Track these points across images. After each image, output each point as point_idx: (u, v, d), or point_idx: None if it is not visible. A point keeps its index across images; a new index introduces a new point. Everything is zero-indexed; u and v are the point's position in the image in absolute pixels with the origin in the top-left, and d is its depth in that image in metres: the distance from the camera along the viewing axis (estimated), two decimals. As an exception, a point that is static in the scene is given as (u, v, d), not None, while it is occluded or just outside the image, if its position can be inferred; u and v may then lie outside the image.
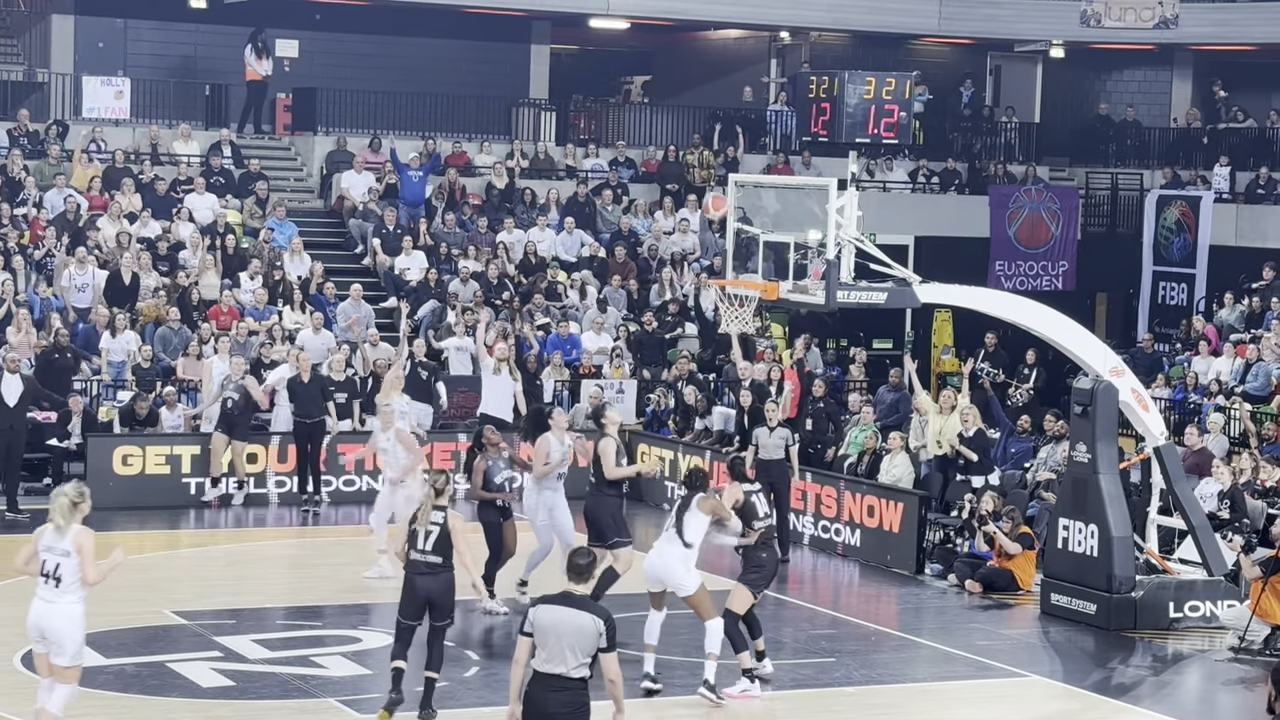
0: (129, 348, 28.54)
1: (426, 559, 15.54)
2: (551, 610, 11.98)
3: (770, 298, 19.96)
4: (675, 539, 16.83)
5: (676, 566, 16.83)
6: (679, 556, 16.84)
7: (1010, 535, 22.03)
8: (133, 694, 16.34)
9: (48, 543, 14.02)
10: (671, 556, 16.84)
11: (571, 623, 11.90)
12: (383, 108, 37.71)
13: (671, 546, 16.84)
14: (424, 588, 15.60)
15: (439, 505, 15.63)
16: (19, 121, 34.66)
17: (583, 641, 11.88)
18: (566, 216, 35.60)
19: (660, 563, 16.91)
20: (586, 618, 11.93)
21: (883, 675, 18.15)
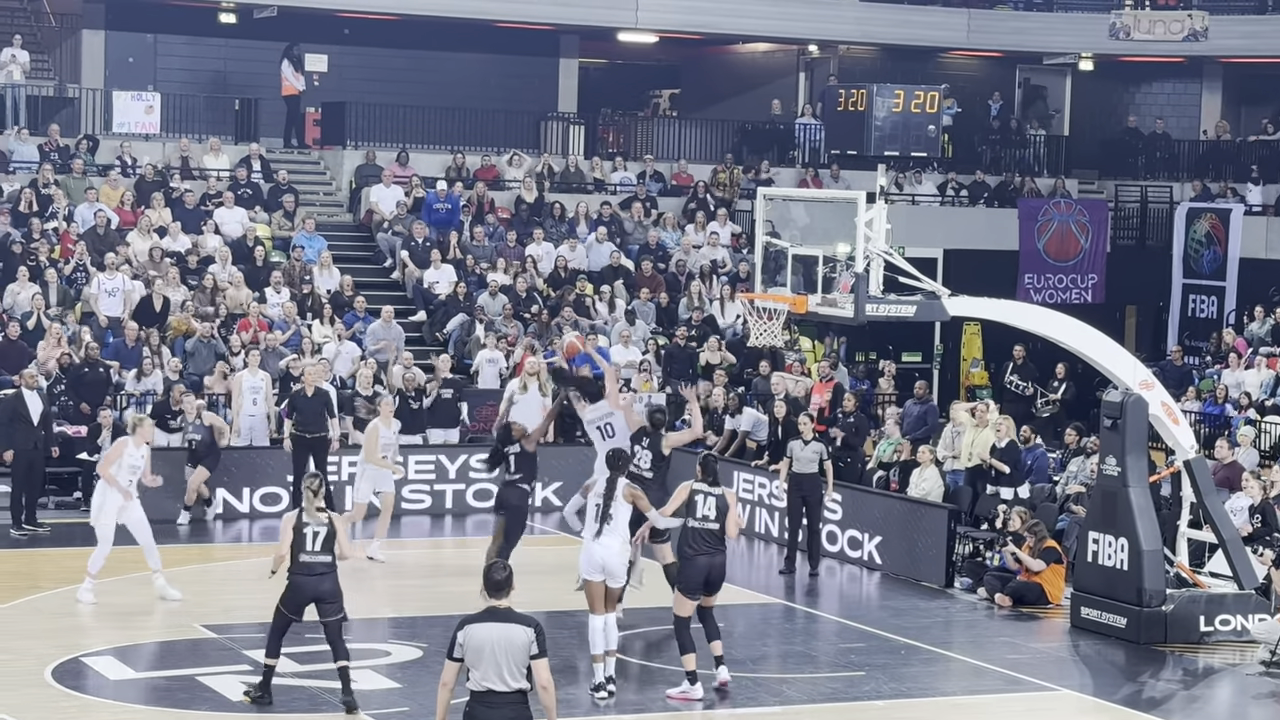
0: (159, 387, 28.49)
1: (316, 559, 16.34)
2: (479, 628, 11.84)
3: (799, 311, 19.95)
4: (613, 529, 17.15)
5: (617, 558, 17.20)
6: (619, 549, 17.23)
7: (1035, 550, 21.97)
8: (163, 707, 16.36)
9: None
10: (614, 548, 17.20)
11: (501, 636, 11.78)
12: (411, 122, 37.78)
13: (613, 538, 17.17)
14: (312, 586, 16.42)
15: (320, 508, 16.39)
16: (50, 136, 34.79)
17: (515, 653, 11.76)
18: (595, 230, 35.62)
19: (604, 553, 17.18)
20: (516, 629, 11.81)
21: (912, 689, 18.10)
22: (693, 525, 17.48)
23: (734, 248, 36.17)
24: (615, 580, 17.25)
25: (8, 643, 18.40)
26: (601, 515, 17.20)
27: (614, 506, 17.22)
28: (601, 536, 17.18)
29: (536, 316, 32.49)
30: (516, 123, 39.15)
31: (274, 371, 28.91)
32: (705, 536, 17.42)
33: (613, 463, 17.54)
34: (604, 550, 17.18)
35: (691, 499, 17.49)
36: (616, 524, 17.22)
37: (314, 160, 37.77)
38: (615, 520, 17.21)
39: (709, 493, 17.49)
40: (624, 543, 17.34)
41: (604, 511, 17.20)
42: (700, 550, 17.40)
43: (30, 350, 28.88)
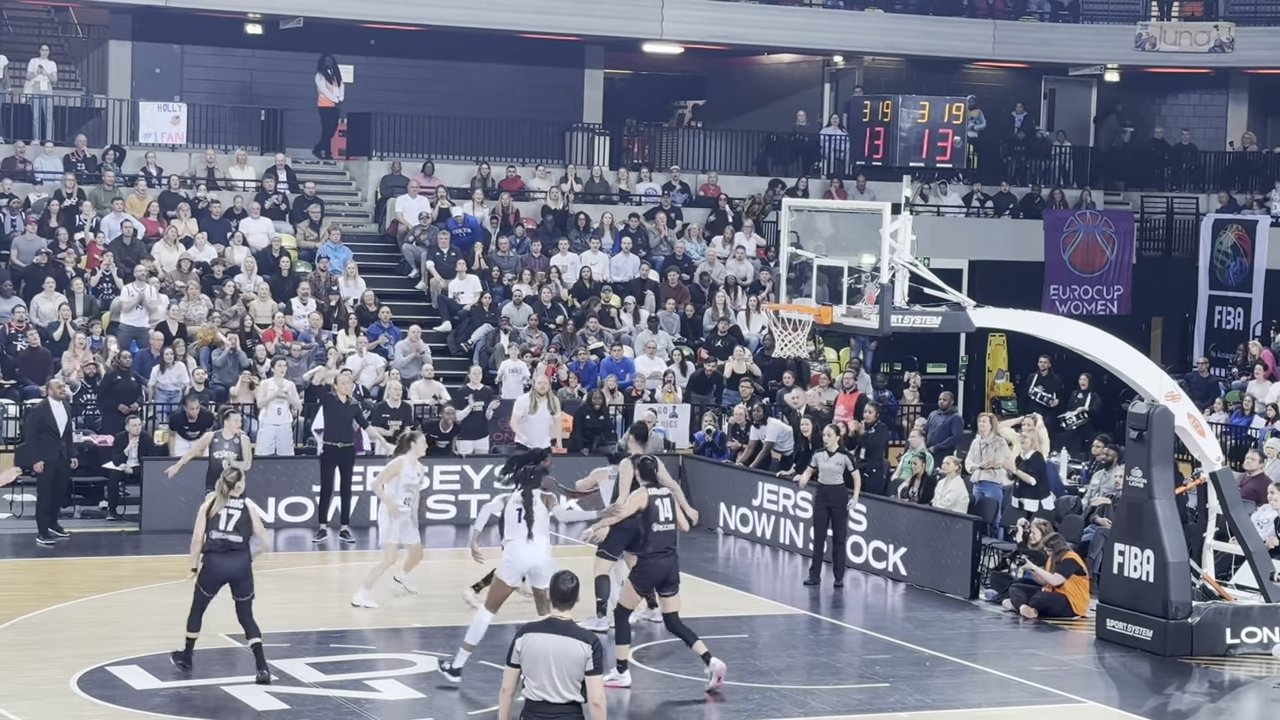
0: (182, 380, 28.59)
1: (227, 538, 17.38)
2: (538, 638, 11.87)
3: (824, 322, 19.94)
4: (541, 530, 17.77)
5: (545, 559, 17.78)
6: (547, 550, 17.89)
7: (1054, 563, 21.92)
8: (186, 716, 16.38)
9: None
10: (544, 548, 17.86)
11: (559, 648, 11.79)
12: (437, 132, 37.87)
13: (544, 539, 17.83)
14: (224, 565, 17.46)
15: (234, 495, 17.46)
16: (76, 147, 34.91)
17: (570, 667, 11.77)
18: (620, 241, 35.65)
19: (535, 558, 17.77)
20: (574, 643, 11.81)
21: (937, 701, 18.06)
22: (657, 529, 17.93)
23: (759, 259, 36.18)
24: (539, 581, 17.58)
25: (34, 652, 18.44)
26: (526, 517, 17.76)
27: (535, 508, 17.83)
28: (533, 540, 17.77)
29: (561, 327, 32.53)
30: (542, 133, 39.21)
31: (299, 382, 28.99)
32: (667, 538, 17.94)
33: (524, 478, 17.99)
34: (537, 554, 17.79)
35: (652, 504, 17.94)
36: (540, 525, 17.83)
37: (339, 171, 37.84)
38: (538, 521, 17.82)
39: (660, 495, 18.03)
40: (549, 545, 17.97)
41: (527, 513, 17.76)
42: (662, 551, 17.88)
43: (55, 360, 29.00)
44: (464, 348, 32.74)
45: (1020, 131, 42.20)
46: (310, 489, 26.14)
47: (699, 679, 17.86)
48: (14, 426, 28.23)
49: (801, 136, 41.02)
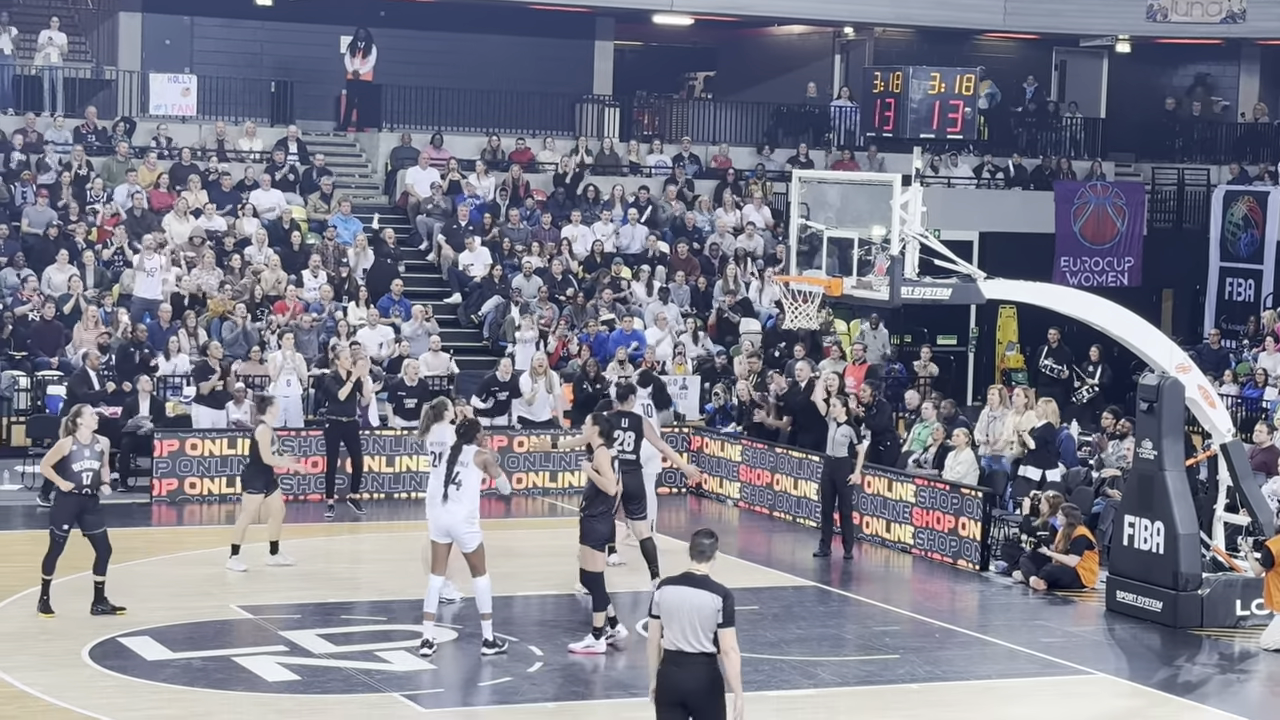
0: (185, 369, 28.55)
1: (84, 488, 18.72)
2: (674, 591, 12.50)
3: (834, 294, 19.93)
4: (459, 495, 17.52)
5: (463, 524, 17.59)
6: (465, 515, 17.58)
7: (1065, 538, 21.92)
8: (199, 688, 16.43)
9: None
10: (459, 514, 17.57)
11: (692, 601, 12.37)
12: (447, 104, 37.85)
13: (459, 505, 17.53)
14: (79, 504, 18.77)
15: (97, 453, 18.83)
16: (87, 119, 34.91)
17: (703, 618, 12.34)
18: (630, 212, 35.63)
19: (449, 520, 17.60)
20: (706, 595, 12.39)
21: (947, 672, 18.09)
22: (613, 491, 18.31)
23: (769, 231, 36.16)
24: (464, 547, 17.66)
25: (46, 623, 18.49)
26: (447, 480, 17.60)
27: (462, 473, 17.58)
28: (448, 502, 17.59)
29: (572, 299, 32.53)
30: (552, 105, 39.18)
31: (310, 353, 29.04)
32: (611, 499, 18.32)
33: (461, 432, 17.87)
34: (449, 516, 17.61)
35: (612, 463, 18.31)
36: (464, 490, 17.59)
37: (350, 143, 37.82)
38: (463, 486, 17.58)
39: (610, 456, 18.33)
40: (472, 509, 17.66)
41: (448, 477, 17.59)
42: (608, 511, 18.30)
43: (66, 332, 29.06)
44: (474, 320, 32.75)
45: (1031, 103, 42.11)
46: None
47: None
48: (26, 399, 28.28)
49: (812, 108, 40.95)
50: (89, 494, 18.88)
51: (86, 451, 18.76)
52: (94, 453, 18.84)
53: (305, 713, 15.83)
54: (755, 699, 15.70)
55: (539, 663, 17.73)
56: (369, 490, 26.19)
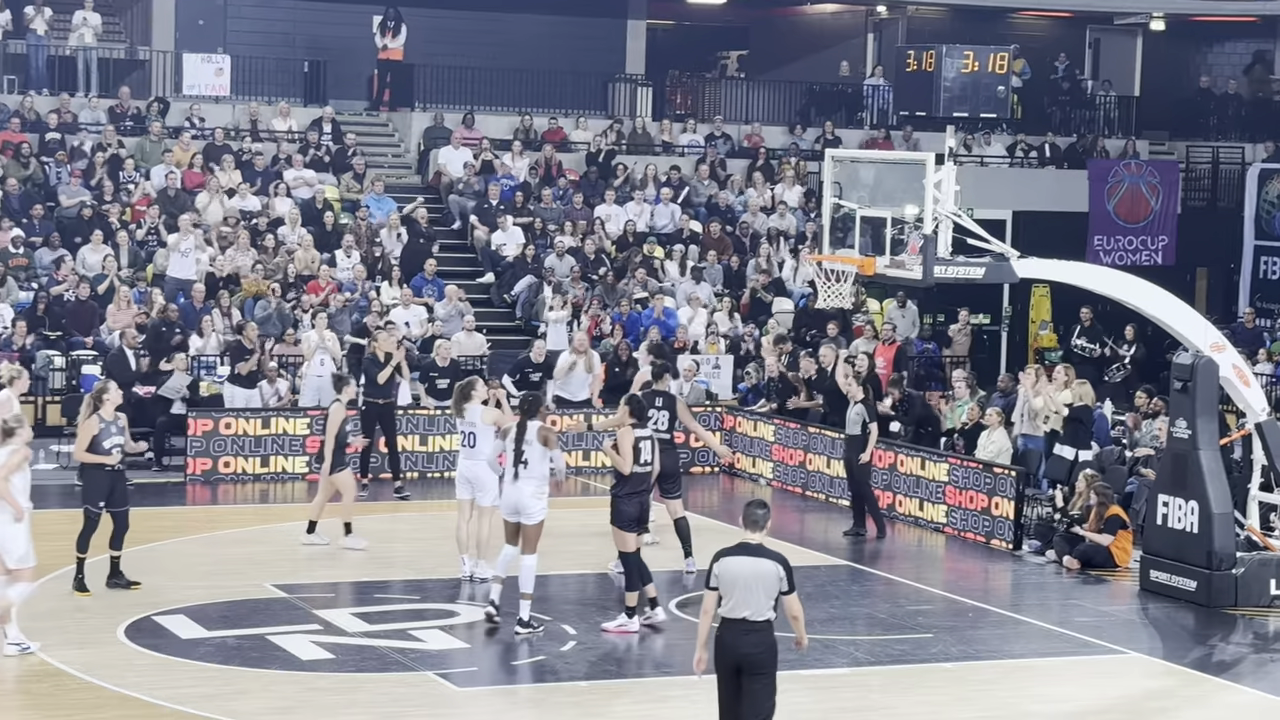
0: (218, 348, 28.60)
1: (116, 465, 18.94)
2: (733, 561, 12.81)
3: (867, 273, 19.91)
4: (528, 473, 17.91)
5: (529, 499, 17.95)
6: (532, 490, 17.96)
7: (1098, 517, 21.89)
8: (234, 666, 16.49)
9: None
10: (526, 490, 17.95)
11: (753, 570, 12.72)
12: (479, 84, 37.85)
13: (527, 481, 17.93)
14: (110, 480, 18.85)
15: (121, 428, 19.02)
16: (121, 99, 35.00)
17: (766, 586, 12.71)
18: (663, 192, 35.61)
19: (517, 496, 17.99)
20: (767, 563, 12.78)
21: (981, 651, 18.08)
22: (635, 470, 18.23)
23: (802, 210, 36.12)
24: (528, 520, 17.94)
25: (81, 601, 18.57)
26: (515, 458, 17.91)
27: (527, 450, 17.91)
28: (519, 480, 17.90)
29: (603, 278, 32.53)
30: (584, 84, 39.14)
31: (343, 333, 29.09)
32: (644, 479, 18.37)
33: (525, 408, 18.28)
34: (517, 492, 17.94)
35: (637, 445, 18.19)
36: (531, 468, 17.94)
37: (382, 122, 37.85)
38: (530, 464, 17.93)
39: (645, 436, 18.32)
40: (539, 484, 18.02)
41: (516, 455, 17.91)
42: (637, 491, 18.22)
43: (101, 312, 29.16)
44: (506, 300, 32.77)
45: (1064, 81, 41.97)
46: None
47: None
48: (60, 378, 28.38)
49: (845, 87, 40.87)
50: (120, 470, 19.02)
51: (113, 428, 18.88)
52: (119, 428, 18.98)
53: (339, 691, 15.89)
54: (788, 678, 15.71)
55: (572, 641, 17.76)
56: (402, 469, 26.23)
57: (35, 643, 16.72)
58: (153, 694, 15.40)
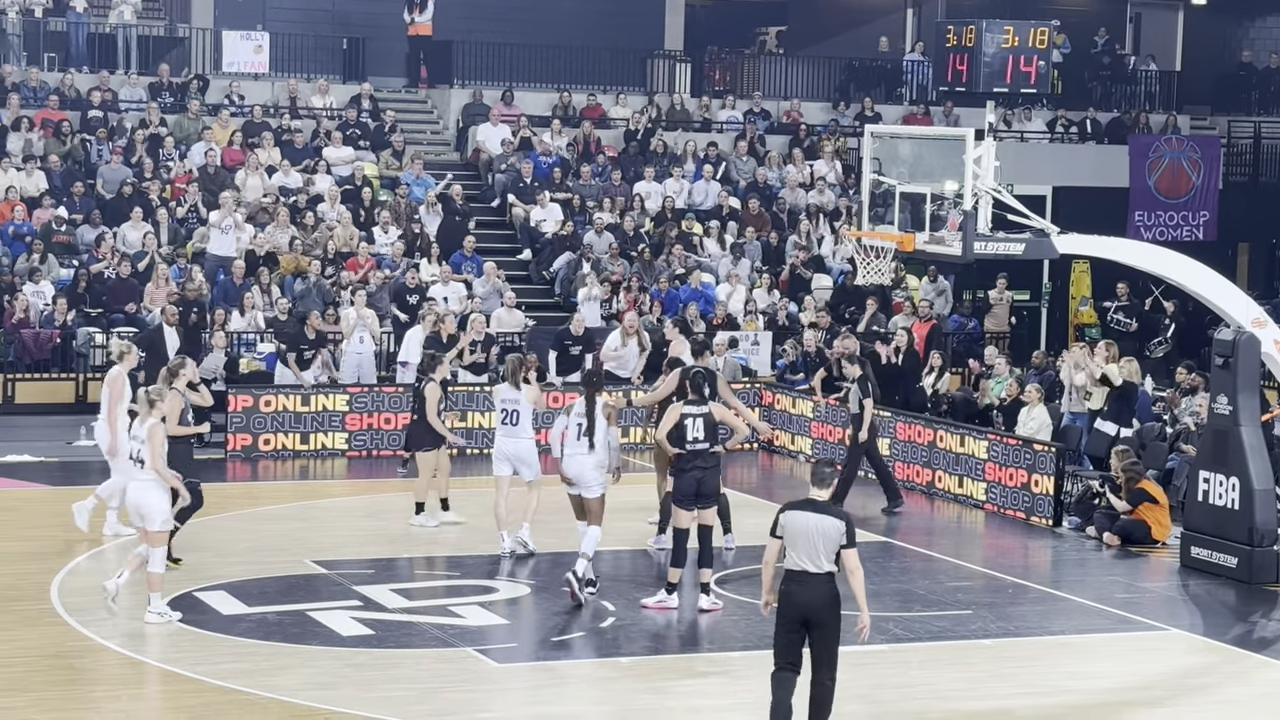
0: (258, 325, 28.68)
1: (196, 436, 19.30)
2: (799, 515, 13.49)
3: (906, 249, 19.87)
4: (590, 446, 18.42)
5: (592, 471, 18.47)
6: (595, 463, 18.49)
7: (1128, 490, 21.83)
8: (274, 641, 16.55)
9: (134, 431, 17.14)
10: (588, 464, 18.46)
11: (816, 524, 13.38)
12: (518, 60, 37.83)
13: (590, 455, 18.45)
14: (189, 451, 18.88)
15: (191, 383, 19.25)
16: (160, 76, 35.08)
17: (827, 540, 13.35)
18: (702, 168, 35.57)
19: (578, 468, 18.51)
20: (829, 519, 13.43)
21: (1020, 628, 18.05)
22: (686, 448, 18.12)
23: (841, 186, 36.06)
24: (589, 493, 18.44)
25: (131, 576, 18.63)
26: (588, 430, 18.42)
27: (596, 418, 18.46)
28: (590, 453, 18.44)
29: (641, 255, 32.52)
30: (623, 61, 39.11)
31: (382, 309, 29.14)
32: (696, 456, 18.15)
33: (589, 381, 18.91)
34: (580, 465, 18.49)
35: (681, 422, 18.14)
36: (597, 440, 18.44)
37: (421, 99, 37.87)
38: (598, 435, 18.42)
39: (696, 414, 18.14)
40: (601, 457, 18.52)
41: (589, 427, 18.40)
42: (690, 466, 18.15)
43: (141, 289, 29.27)
44: (545, 276, 32.79)
45: (1105, 56, 41.78)
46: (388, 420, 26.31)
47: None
48: (101, 355, 28.50)
49: (884, 62, 40.76)
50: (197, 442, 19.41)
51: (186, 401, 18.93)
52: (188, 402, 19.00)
53: (379, 666, 15.93)
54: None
55: (611, 618, 17.78)
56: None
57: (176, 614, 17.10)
58: (194, 669, 15.46)
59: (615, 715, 14.75)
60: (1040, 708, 15.47)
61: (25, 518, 21.70)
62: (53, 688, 14.89)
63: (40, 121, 32.95)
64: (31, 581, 18.30)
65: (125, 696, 14.68)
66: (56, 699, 14.58)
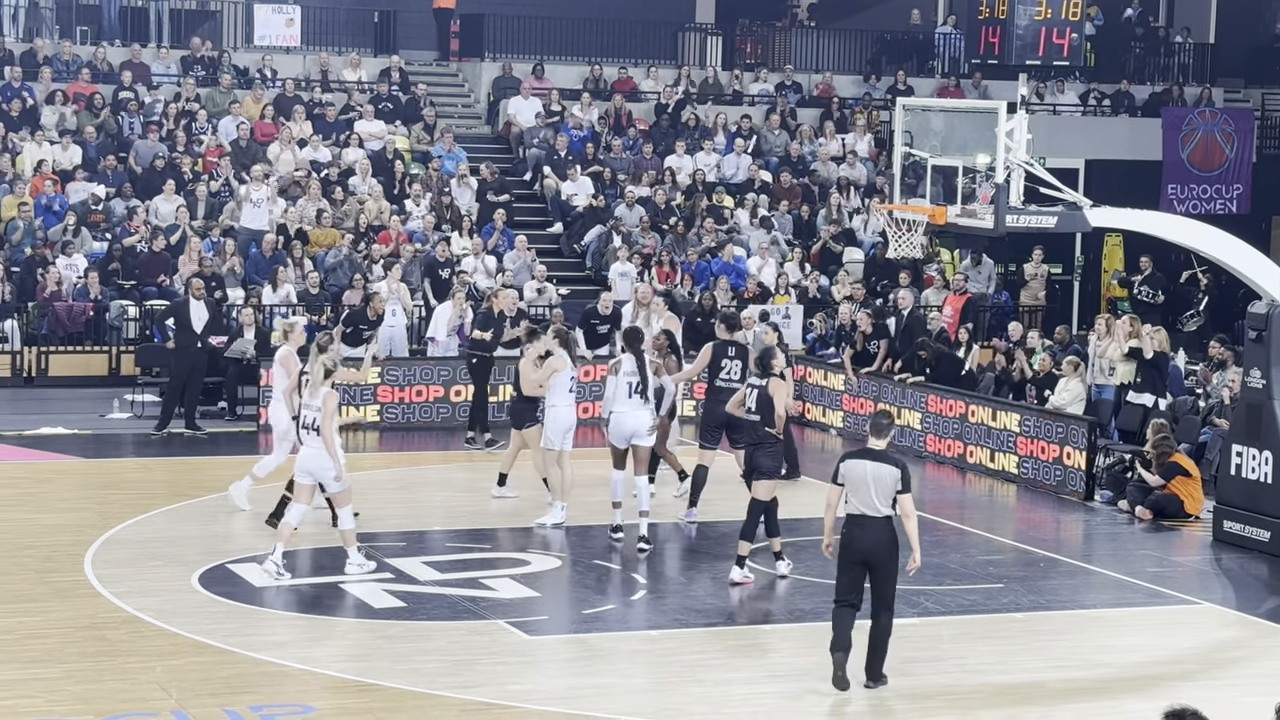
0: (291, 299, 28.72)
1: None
2: (858, 463, 14.57)
3: (938, 222, 19.83)
4: (642, 401, 19.36)
5: (647, 423, 19.40)
6: (648, 420, 19.40)
7: (1157, 464, 21.78)
8: (306, 613, 16.61)
9: (305, 400, 17.76)
10: (645, 416, 19.37)
11: (874, 471, 14.44)
12: (549, 33, 37.80)
13: (643, 411, 19.36)
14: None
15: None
16: (192, 50, 35.12)
17: (884, 486, 14.41)
18: (734, 141, 35.53)
19: (634, 423, 19.35)
20: (886, 467, 14.50)
21: (1052, 602, 18.03)
22: (743, 416, 18.36)
23: (872, 160, 35.99)
24: (644, 443, 19.39)
25: (156, 549, 18.73)
26: (634, 388, 19.34)
27: (648, 372, 19.48)
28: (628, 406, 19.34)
29: (674, 228, 32.50)
30: (654, 34, 39.05)
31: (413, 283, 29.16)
32: (748, 429, 18.34)
33: (631, 339, 19.58)
34: (636, 419, 19.35)
35: (745, 393, 18.38)
36: (650, 393, 19.49)
37: (452, 73, 37.87)
38: (646, 391, 19.41)
39: (754, 385, 18.26)
40: (650, 410, 19.52)
41: (642, 383, 19.36)
42: (742, 441, 18.66)
43: (173, 262, 29.34)
44: (576, 249, 32.80)
45: (1138, 28, 41.60)
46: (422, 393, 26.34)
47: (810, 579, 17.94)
48: (135, 328, 28.60)
49: (916, 35, 40.65)
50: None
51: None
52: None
53: (411, 639, 15.97)
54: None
55: (642, 591, 17.81)
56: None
57: (372, 563, 17.95)
58: (227, 640, 15.52)
59: (646, 688, 14.78)
60: (1072, 681, 15.46)
61: (59, 490, 21.79)
62: (86, 659, 14.96)
63: (72, 95, 33.02)
64: (65, 553, 18.39)
65: (158, 668, 14.74)
66: (90, 670, 14.65)
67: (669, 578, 18.27)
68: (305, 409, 17.73)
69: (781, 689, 14.64)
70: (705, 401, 21.13)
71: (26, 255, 29.28)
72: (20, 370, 28.17)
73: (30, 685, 14.18)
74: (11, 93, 32.77)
